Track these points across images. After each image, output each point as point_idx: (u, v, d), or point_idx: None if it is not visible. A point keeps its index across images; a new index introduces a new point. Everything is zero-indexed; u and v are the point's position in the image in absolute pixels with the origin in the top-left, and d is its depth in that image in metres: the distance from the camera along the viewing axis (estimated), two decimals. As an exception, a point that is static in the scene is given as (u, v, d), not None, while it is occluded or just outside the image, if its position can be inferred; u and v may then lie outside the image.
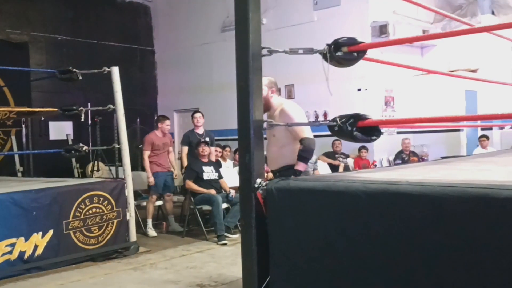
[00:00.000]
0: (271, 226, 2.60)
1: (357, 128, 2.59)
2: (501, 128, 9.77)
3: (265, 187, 2.60)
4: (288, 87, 10.66)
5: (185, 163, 7.65)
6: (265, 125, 2.75)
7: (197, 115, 7.92)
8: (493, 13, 10.94)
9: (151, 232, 7.32)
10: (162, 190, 7.68)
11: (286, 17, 10.67)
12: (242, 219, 2.74)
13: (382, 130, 2.69)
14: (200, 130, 7.90)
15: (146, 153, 7.58)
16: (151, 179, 7.50)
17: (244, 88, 2.64)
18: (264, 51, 2.69)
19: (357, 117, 2.60)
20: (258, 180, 2.63)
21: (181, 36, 12.76)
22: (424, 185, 2.13)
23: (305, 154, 4.12)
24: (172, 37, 12.99)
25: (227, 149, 8.95)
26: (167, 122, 7.77)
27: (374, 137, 2.66)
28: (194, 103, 12.31)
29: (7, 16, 10.71)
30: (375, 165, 9.52)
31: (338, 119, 2.63)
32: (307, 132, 4.15)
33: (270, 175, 4.68)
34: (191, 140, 7.79)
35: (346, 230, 2.31)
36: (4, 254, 5.05)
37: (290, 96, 10.58)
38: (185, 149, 7.78)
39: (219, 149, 8.50)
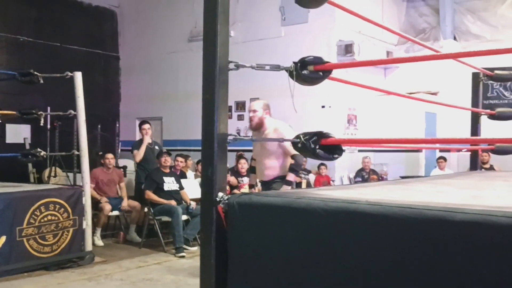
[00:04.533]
0: (231, 240, 2.58)
1: (320, 146, 2.61)
2: (459, 150, 10.03)
3: (226, 201, 2.58)
4: (252, 101, 10.68)
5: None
6: (229, 138, 2.74)
7: (147, 126, 8.01)
8: (455, 38, 11.29)
9: (98, 241, 7.20)
10: None
11: (254, 31, 10.75)
12: (202, 232, 2.71)
13: (344, 148, 2.72)
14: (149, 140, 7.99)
15: None
16: None
17: (209, 101, 2.62)
18: (231, 65, 2.69)
19: (320, 135, 2.63)
20: (220, 194, 2.61)
21: (147, 44, 12.67)
22: (383, 205, 2.15)
23: (296, 167, 5.01)
24: (138, 44, 12.89)
25: (189, 158, 8.88)
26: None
27: (336, 156, 2.68)
28: (158, 111, 12.23)
29: (-32, 14, 10.44)
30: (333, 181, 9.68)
31: (301, 136, 2.65)
32: None
33: (258, 186, 5.51)
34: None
35: (306, 248, 2.31)
36: (-49, 260, 4.87)
37: (254, 109, 10.60)
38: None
39: (180, 159, 8.42)
